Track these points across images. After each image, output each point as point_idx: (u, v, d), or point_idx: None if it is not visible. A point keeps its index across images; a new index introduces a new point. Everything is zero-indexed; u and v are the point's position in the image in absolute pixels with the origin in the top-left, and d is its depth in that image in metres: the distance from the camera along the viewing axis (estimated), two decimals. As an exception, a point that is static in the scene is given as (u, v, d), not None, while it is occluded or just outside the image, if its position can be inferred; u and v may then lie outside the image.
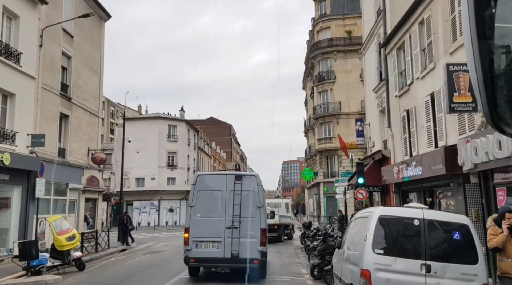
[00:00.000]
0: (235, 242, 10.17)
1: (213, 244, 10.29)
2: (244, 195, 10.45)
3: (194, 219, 10.47)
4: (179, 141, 45.89)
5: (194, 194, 10.65)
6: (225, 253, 10.16)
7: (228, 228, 10.25)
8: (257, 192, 10.54)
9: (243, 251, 10.06)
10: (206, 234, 10.32)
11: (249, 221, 10.29)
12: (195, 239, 10.32)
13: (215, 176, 12.23)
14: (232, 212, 10.35)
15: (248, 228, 10.24)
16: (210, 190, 10.76)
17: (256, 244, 10.16)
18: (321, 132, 43.02)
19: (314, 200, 47.65)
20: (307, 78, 51.49)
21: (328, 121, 42.23)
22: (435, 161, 11.30)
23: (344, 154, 29.98)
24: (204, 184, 10.84)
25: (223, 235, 10.25)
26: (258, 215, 10.36)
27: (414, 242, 5.83)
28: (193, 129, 51.33)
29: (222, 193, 10.55)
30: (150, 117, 45.01)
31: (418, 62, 13.86)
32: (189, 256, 10.30)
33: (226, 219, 10.34)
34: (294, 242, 22.37)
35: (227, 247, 10.18)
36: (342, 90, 41.73)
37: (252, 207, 10.38)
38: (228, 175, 11.04)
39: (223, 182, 10.71)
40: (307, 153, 50.54)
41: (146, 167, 43.56)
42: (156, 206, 43.42)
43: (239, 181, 10.57)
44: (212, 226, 10.33)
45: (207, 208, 10.57)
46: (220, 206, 10.48)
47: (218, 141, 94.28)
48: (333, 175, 41.99)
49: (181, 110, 47.36)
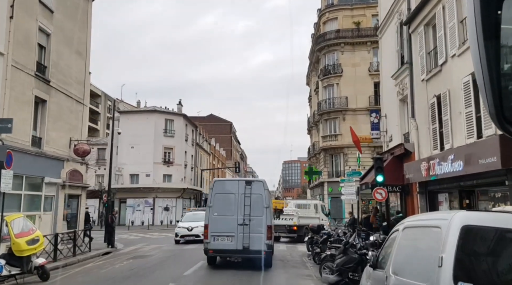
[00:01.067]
0: (246, 236, 11.97)
1: (228, 238, 12.09)
2: (253, 198, 12.25)
3: (212, 217, 12.30)
4: (176, 137, 43.58)
5: (212, 196, 12.52)
6: (237, 245, 11.99)
7: (240, 224, 12.07)
8: (263, 195, 12.43)
9: (253, 244, 11.90)
10: (222, 229, 12.15)
11: (257, 219, 12.11)
12: (213, 234, 12.18)
13: (229, 182, 14.46)
14: (243, 212, 12.17)
15: (256, 224, 12.05)
16: (225, 193, 12.57)
17: (263, 238, 11.96)
18: (326, 129, 40.67)
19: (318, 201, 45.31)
20: (311, 73, 49.16)
21: (333, 118, 39.88)
22: (485, 153, 8.97)
23: (357, 148, 27.64)
24: (220, 188, 12.78)
25: (236, 231, 12.05)
26: (264, 214, 12.22)
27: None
28: (191, 124, 49.00)
29: (235, 195, 12.36)
30: (146, 111, 42.70)
31: (454, 37, 11.52)
32: (208, 248, 12.22)
33: (238, 217, 12.14)
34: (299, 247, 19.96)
35: (239, 240, 11.98)
36: (349, 85, 39.41)
37: (260, 208, 12.21)
38: (240, 181, 13.00)
39: (236, 186, 12.57)
40: (311, 151, 48.21)
41: (141, 163, 41.27)
42: (151, 204, 41.12)
43: (249, 185, 12.47)
44: (227, 223, 12.13)
45: (223, 208, 12.32)
46: (233, 206, 12.26)
47: (218, 139, 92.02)
48: (338, 174, 39.66)
49: (179, 104, 45.05)
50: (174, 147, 43.17)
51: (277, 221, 22.04)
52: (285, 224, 22.08)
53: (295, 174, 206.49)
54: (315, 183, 45.27)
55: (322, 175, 41.63)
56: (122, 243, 22.95)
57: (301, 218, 22.57)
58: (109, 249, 19.27)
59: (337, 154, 39.99)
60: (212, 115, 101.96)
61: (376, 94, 39.52)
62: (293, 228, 21.53)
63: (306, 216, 23.60)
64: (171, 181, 42.78)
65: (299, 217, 22.59)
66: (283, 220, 21.95)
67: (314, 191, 47.70)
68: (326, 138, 40.10)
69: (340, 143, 38.93)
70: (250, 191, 12.37)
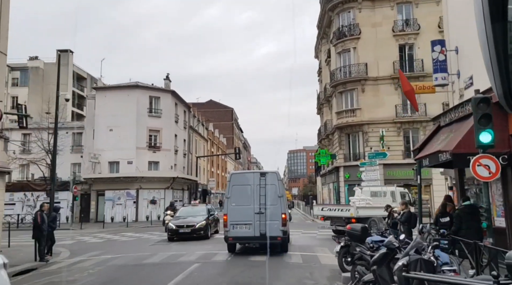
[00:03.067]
0: (262, 224, 12.87)
1: (246, 226, 13.02)
2: (267, 188, 13.10)
3: (230, 207, 13.25)
4: (164, 117, 37.00)
5: (230, 188, 13.49)
6: (255, 232, 12.93)
7: (256, 213, 12.96)
8: (277, 185, 13.36)
9: (269, 231, 12.75)
10: (240, 218, 13.04)
11: (272, 207, 12.96)
12: (231, 223, 13.09)
13: (245, 174, 15.26)
14: (259, 201, 13.04)
15: (272, 213, 12.89)
16: (242, 184, 13.43)
17: (278, 225, 12.87)
18: (341, 103, 33.92)
19: (330, 189, 38.71)
20: (320, 42, 42.23)
21: (350, 89, 33.10)
22: None
23: (412, 104, 21.14)
24: (237, 180, 13.70)
25: (253, 219, 12.96)
26: (279, 203, 13.11)
27: None
28: (183, 104, 42.35)
29: (251, 186, 13.25)
30: (127, 86, 36.06)
31: None
32: (228, 236, 13.22)
33: (254, 207, 13.01)
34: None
35: (257, 228, 12.90)
36: (368, 49, 32.57)
37: (274, 197, 13.10)
38: (255, 173, 14.49)
39: (251, 178, 13.53)
40: (322, 132, 41.49)
41: (121, 148, 34.81)
42: (134, 196, 34.70)
43: (263, 177, 13.40)
44: (244, 212, 13.00)
45: (240, 198, 13.20)
46: (249, 196, 13.16)
47: (219, 126, 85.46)
48: (356, 157, 33.03)
49: (166, 78, 38.33)
50: (161, 129, 36.61)
51: (329, 212, 20.99)
52: (341, 215, 19.61)
53: (301, 164, 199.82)
54: (328, 169, 38.63)
55: (337, 158, 34.99)
56: (74, 248, 16.69)
57: (361, 209, 19.47)
58: (35, 264, 12.85)
59: (355, 133, 33.29)
60: (212, 101, 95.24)
61: (402, 59, 32.67)
62: (352, 221, 17.82)
63: (371, 206, 20.20)
64: (158, 168, 36.32)
65: (358, 207, 19.49)
66: (337, 211, 19.92)
67: (327, 178, 41.11)
68: (342, 115, 33.34)
69: (358, 119, 32.20)
70: (264, 182, 13.13)
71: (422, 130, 31.25)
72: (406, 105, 31.97)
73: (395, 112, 31.86)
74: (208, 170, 57.68)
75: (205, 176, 55.19)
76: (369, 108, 32.15)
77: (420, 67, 31.63)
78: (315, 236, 19.69)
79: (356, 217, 18.69)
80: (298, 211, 53.15)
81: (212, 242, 17.63)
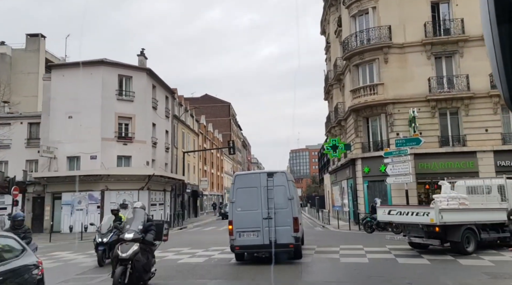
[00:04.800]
0: (271, 230, 11.49)
1: (253, 233, 11.65)
2: (276, 190, 11.78)
3: (235, 213, 11.87)
4: (137, 102, 30.04)
5: (234, 191, 12.07)
6: (264, 240, 11.52)
7: (264, 218, 11.62)
8: (287, 186, 11.90)
9: (279, 238, 11.45)
10: (247, 225, 11.68)
11: (282, 211, 11.61)
12: (238, 230, 11.71)
13: (250, 175, 12.91)
14: (267, 205, 11.69)
15: (282, 217, 11.54)
16: (247, 187, 12.01)
17: (289, 231, 11.51)
18: (357, 79, 26.92)
19: (343, 188, 31.66)
20: (329, 10, 35.18)
21: (369, 60, 26.09)
22: None
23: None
24: (242, 182, 12.19)
25: (261, 225, 11.60)
26: (289, 206, 11.69)
27: None
28: (164, 87, 35.36)
29: (257, 189, 11.90)
30: (89, 63, 29.09)
31: None
32: (234, 245, 11.75)
33: (262, 211, 11.67)
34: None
35: (265, 235, 11.53)
36: (392, 8, 25.55)
37: (284, 199, 11.71)
38: (261, 173, 12.35)
39: (258, 179, 12.06)
40: (331, 120, 34.45)
41: (83, 140, 27.93)
42: (98, 200, 27.71)
43: (271, 177, 11.98)
44: (251, 217, 11.68)
45: (246, 203, 11.84)
46: (256, 200, 11.80)
47: (215, 123, 78.59)
48: (378, 146, 26.05)
49: (141, 54, 31.37)
50: (133, 115, 29.63)
51: (399, 217, 14.02)
52: (417, 222, 12.91)
53: (304, 164, 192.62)
54: (340, 163, 31.57)
55: (352, 149, 27.97)
56: None
57: (448, 212, 12.65)
58: None
59: (375, 116, 26.28)
60: (207, 96, 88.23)
61: (435, 20, 25.66)
62: (435, 229, 12.50)
63: (468, 208, 13.67)
64: (130, 164, 29.36)
65: (443, 209, 12.69)
66: (411, 214, 13.00)
67: (338, 174, 34.05)
68: (358, 93, 26.32)
69: (381, 98, 25.19)
70: (272, 183, 11.94)
71: (464, 110, 24.22)
72: (442, 78, 24.95)
73: (428, 88, 24.83)
74: (200, 168, 50.68)
75: (196, 175, 48.19)
76: (394, 84, 25.16)
77: (460, 29, 24.61)
78: (354, 259, 12.60)
79: (441, 225, 12.34)
80: (304, 214, 45.99)
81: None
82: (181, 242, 19.02)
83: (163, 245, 11.30)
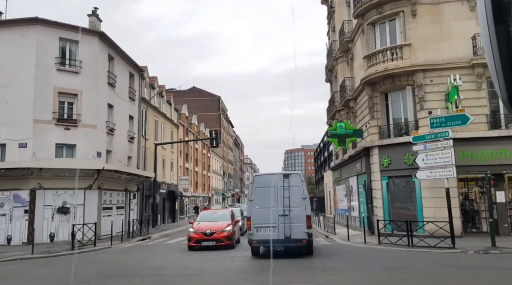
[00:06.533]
0: (287, 226, 12.72)
1: (270, 229, 12.81)
2: (291, 190, 12.97)
3: (254, 210, 13.06)
4: (85, 74, 23.10)
5: (252, 190, 13.29)
6: (279, 235, 12.72)
7: (280, 215, 12.79)
8: (301, 187, 13.11)
9: (294, 233, 12.65)
10: (264, 221, 12.84)
11: (296, 209, 12.80)
12: (255, 225, 12.95)
13: (268, 176, 13.80)
14: (283, 203, 12.88)
15: (296, 215, 12.76)
16: (265, 186, 13.12)
17: (303, 227, 12.74)
18: (373, 41, 20.25)
19: (352, 187, 24.92)
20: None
21: (390, 15, 19.44)
22: None
23: None
24: (260, 182, 13.38)
25: (277, 221, 12.78)
26: (303, 204, 12.93)
27: None
28: (127, 61, 28.44)
29: (274, 188, 12.98)
30: (20, 21, 22.20)
31: None
32: (252, 239, 12.99)
33: (278, 209, 12.84)
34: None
35: (281, 231, 12.73)
36: None
37: (298, 199, 12.93)
38: (278, 174, 13.46)
39: (274, 180, 13.17)
40: (335, 102, 27.66)
41: (10, 122, 21.04)
42: (25, 202, 20.72)
43: (286, 178, 13.14)
44: (268, 214, 12.73)
45: (263, 201, 12.99)
46: (273, 198, 12.88)
47: (203, 118, 71.78)
48: (401, 129, 19.47)
49: (93, 15, 24.37)
50: (80, 91, 22.69)
51: None
52: None
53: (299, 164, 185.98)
54: (348, 155, 24.82)
55: (365, 136, 21.30)
56: None
57: None
58: None
59: (398, 89, 19.63)
60: (195, 89, 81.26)
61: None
62: None
63: None
64: (74, 155, 22.42)
65: None
66: None
67: (343, 170, 27.32)
68: (375, 60, 19.61)
69: (407, 63, 18.53)
70: (288, 183, 13.01)
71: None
72: (491, 36, 18.29)
73: (472, 49, 18.22)
74: (180, 165, 43.76)
75: (175, 173, 41.26)
76: (425, 44, 18.53)
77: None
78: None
79: None
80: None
81: None
82: (87, 273, 12.07)
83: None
